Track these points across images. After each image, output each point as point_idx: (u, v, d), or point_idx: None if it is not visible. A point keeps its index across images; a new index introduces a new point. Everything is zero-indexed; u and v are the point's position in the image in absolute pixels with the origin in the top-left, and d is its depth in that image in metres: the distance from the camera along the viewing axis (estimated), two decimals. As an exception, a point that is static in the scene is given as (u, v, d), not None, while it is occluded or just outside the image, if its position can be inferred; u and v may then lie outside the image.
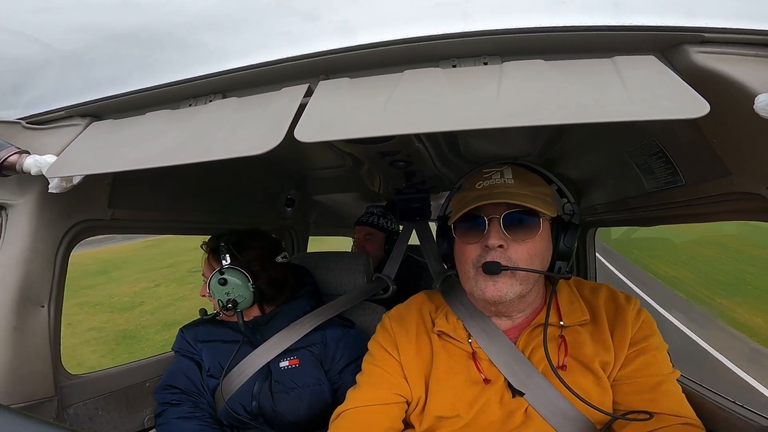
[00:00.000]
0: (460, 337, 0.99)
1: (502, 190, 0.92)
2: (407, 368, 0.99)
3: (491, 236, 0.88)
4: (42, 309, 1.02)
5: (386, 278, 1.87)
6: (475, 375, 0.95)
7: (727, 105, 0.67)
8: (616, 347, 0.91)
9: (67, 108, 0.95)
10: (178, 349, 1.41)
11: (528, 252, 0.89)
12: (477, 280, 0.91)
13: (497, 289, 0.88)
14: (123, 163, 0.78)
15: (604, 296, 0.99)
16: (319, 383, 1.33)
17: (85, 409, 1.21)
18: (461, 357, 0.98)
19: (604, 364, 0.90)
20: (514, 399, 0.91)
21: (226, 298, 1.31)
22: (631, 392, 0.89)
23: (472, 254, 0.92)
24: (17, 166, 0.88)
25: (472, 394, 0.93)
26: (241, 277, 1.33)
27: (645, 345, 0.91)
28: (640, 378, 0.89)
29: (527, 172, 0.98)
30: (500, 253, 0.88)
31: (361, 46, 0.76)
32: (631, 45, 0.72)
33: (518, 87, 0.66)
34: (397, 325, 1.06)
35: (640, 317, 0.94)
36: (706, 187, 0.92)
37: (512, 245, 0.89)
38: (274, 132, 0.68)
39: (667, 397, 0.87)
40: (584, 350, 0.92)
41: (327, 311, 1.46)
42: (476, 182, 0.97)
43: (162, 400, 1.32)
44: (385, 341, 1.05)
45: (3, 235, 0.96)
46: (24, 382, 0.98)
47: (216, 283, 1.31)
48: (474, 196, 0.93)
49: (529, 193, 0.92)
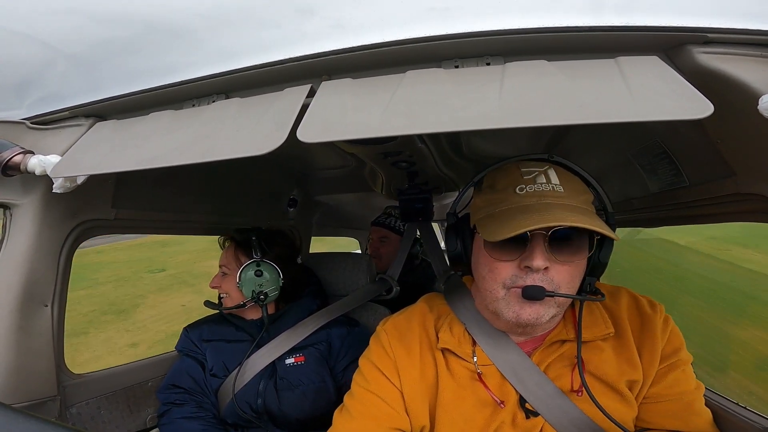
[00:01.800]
0: (465, 354, 0.87)
1: (553, 200, 0.77)
2: (409, 396, 0.87)
3: (536, 257, 0.74)
4: (46, 308, 1.02)
5: (390, 279, 1.87)
6: (483, 395, 0.84)
7: (731, 105, 0.66)
8: (645, 364, 0.81)
9: (71, 108, 0.96)
10: (182, 348, 1.42)
11: (570, 274, 0.77)
12: (509, 301, 0.78)
13: (534, 312, 0.77)
14: (127, 163, 0.79)
15: (625, 303, 0.87)
16: (324, 381, 1.34)
17: (88, 409, 1.21)
18: (467, 377, 0.86)
19: (632, 384, 0.81)
20: (528, 420, 0.82)
21: (259, 289, 1.34)
22: (662, 413, 0.82)
23: (504, 273, 0.78)
24: (21, 166, 0.88)
25: (482, 419, 0.83)
26: (274, 272, 1.37)
27: (676, 360, 0.82)
28: (672, 396, 0.81)
29: (571, 175, 0.84)
30: (542, 276, 0.75)
31: (364, 46, 0.76)
32: (634, 45, 0.72)
33: (521, 87, 0.66)
34: (397, 343, 0.91)
35: (668, 327, 0.84)
36: (710, 187, 0.91)
37: (555, 267, 0.76)
38: (277, 132, 0.68)
39: (699, 417, 0.81)
40: (606, 369, 0.81)
41: (332, 311, 1.48)
42: (516, 183, 0.81)
43: (165, 399, 1.32)
44: (382, 363, 0.90)
45: (7, 234, 0.97)
46: (27, 382, 0.98)
47: (252, 273, 1.34)
48: (519, 207, 0.78)
49: (579, 204, 0.79)
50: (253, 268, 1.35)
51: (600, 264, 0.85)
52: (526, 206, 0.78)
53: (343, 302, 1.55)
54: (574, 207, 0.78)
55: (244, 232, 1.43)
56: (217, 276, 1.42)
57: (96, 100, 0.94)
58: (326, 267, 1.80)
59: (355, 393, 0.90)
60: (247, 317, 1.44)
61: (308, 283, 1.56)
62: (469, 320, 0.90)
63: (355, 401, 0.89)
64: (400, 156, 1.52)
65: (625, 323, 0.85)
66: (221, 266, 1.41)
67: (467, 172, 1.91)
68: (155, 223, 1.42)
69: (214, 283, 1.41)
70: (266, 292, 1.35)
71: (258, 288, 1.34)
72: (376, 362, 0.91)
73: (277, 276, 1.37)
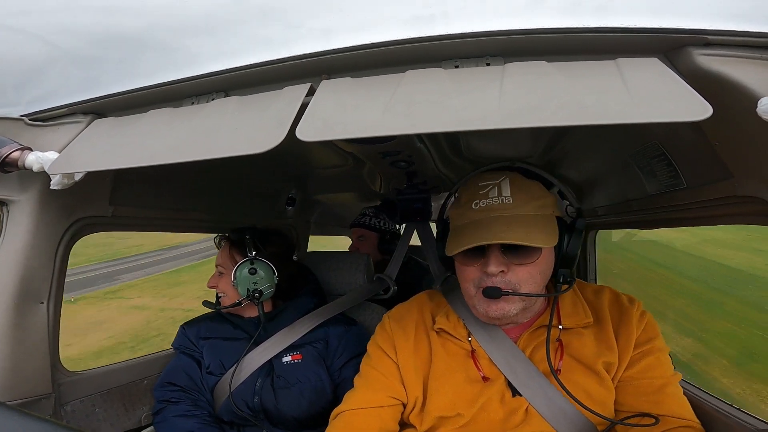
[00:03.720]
0: (460, 335, 0.99)
1: (500, 213, 0.89)
2: (404, 368, 0.99)
3: (491, 263, 0.87)
4: (41, 306, 1.02)
5: (387, 279, 1.87)
6: (474, 373, 0.95)
7: (730, 108, 0.66)
8: (621, 348, 0.91)
9: (69, 105, 0.95)
10: (179, 346, 1.41)
11: (529, 273, 0.89)
12: (478, 299, 0.90)
13: (499, 308, 0.88)
14: (125, 160, 0.78)
15: (607, 298, 0.99)
16: (321, 379, 1.34)
17: (82, 407, 1.21)
18: (460, 355, 0.98)
19: (608, 365, 0.90)
20: (514, 398, 0.92)
21: (254, 287, 1.34)
22: (635, 393, 0.89)
23: (472, 275, 0.91)
24: (19, 163, 0.88)
25: (472, 393, 0.93)
26: (269, 270, 1.37)
27: (650, 347, 0.91)
28: (645, 379, 0.89)
29: (526, 181, 0.94)
30: (500, 278, 0.87)
31: (364, 45, 0.76)
32: (634, 47, 0.72)
33: (520, 88, 0.66)
34: (395, 324, 1.06)
35: (644, 319, 0.94)
36: (708, 190, 0.91)
37: (513, 268, 0.88)
38: (276, 131, 0.68)
39: (671, 399, 0.88)
40: (586, 351, 0.92)
41: (330, 309, 1.48)
42: (473, 199, 0.93)
43: (161, 397, 1.31)
44: (382, 341, 1.04)
45: (4, 231, 0.97)
46: (22, 379, 0.98)
47: (246, 272, 1.34)
48: (471, 222, 0.91)
49: (529, 211, 0.89)
50: (246, 266, 1.35)
51: (569, 255, 0.94)
52: (476, 222, 0.90)
53: (341, 301, 1.55)
54: (520, 217, 0.88)
55: (239, 231, 1.43)
56: (214, 276, 1.42)
57: (95, 97, 0.94)
58: (324, 266, 1.80)
59: (362, 371, 1.05)
60: (245, 315, 1.44)
61: (306, 282, 1.56)
62: (464, 313, 1.01)
63: (360, 377, 1.04)
64: (398, 156, 1.52)
65: (605, 314, 0.96)
66: (217, 266, 1.41)
67: (466, 172, 1.90)
68: (152, 221, 1.42)
69: (211, 283, 1.41)
70: (261, 289, 1.35)
71: (253, 286, 1.34)
72: (379, 341, 1.05)
73: (272, 274, 1.37)
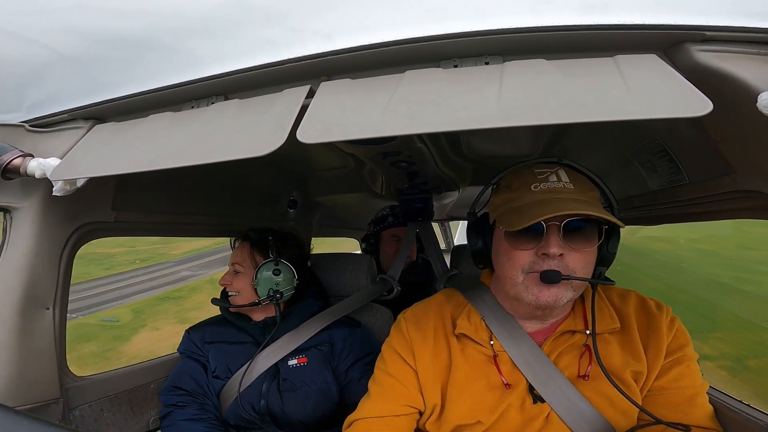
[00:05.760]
0: (482, 339, 0.95)
1: (564, 195, 0.86)
2: (423, 375, 0.95)
3: (551, 244, 0.82)
4: (47, 311, 1.02)
5: (390, 279, 1.87)
6: (495, 379, 0.91)
7: (730, 103, 0.66)
8: (650, 357, 0.88)
9: (70, 111, 0.96)
10: (184, 351, 1.42)
11: (585, 260, 0.85)
12: (528, 285, 0.86)
13: (552, 294, 0.84)
14: (126, 165, 0.79)
15: (634, 303, 0.95)
16: (326, 382, 1.34)
17: (91, 411, 1.21)
18: (481, 361, 0.94)
19: (636, 375, 0.87)
20: (535, 405, 0.88)
21: (275, 288, 1.36)
22: (665, 404, 0.86)
23: (523, 260, 0.86)
24: (21, 169, 0.88)
25: (492, 400, 0.90)
26: (290, 272, 1.40)
27: (681, 355, 0.88)
28: (676, 389, 0.87)
29: (578, 174, 0.93)
30: (558, 262, 0.83)
31: (362, 46, 0.76)
32: (633, 44, 0.72)
33: (520, 86, 0.66)
34: (413, 327, 1.01)
35: (674, 326, 0.90)
36: (709, 185, 0.91)
37: (570, 253, 0.84)
38: (277, 133, 0.68)
39: (701, 410, 0.86)
40: (612, 360, 0.88)
41: (335, 312, 1.48)
42: (530, 183, 0.90)
43: (168, 401, 1.32)
44: (399, 346, 1.00)
45: (7, 238, 0.97)
46: (30, 384, 0.98)
47: (270, 273, 1.36)
48: (534, 201, 0.86)
49: (587, 199, 0.87)
50: (271, 267, 1.36)
51: (609, 254, 0.92)
52: (540, 200, 0.86)
53: (346, 303, 1.55)
54: (583, 201, 0.86)
55: (260, 232, 1.44)
56: (228, 274, 1.42)
57: (95, 102, 0.94)
58: (327, 268, 1.80)
59: (376, 376, 1.01)
60: (254, 318, 1.44)
61: (310, 284, 1.56)
62: (486, 312, 0.97)
63: (375, 384, 1.00)
64: (399, 156, 1.52)
65: (631, 321, 0.92)
66: (233, 264, 1.41)
67: (467, 171, 1.91)
68: (155, 226, 1.42)
69: (224, 280, 1.41)
70: (282, 291, 1.37)
71: (275, 287, 1.36)
72: (395, 345, 1.01)
73: (293, 276, 1.40)
